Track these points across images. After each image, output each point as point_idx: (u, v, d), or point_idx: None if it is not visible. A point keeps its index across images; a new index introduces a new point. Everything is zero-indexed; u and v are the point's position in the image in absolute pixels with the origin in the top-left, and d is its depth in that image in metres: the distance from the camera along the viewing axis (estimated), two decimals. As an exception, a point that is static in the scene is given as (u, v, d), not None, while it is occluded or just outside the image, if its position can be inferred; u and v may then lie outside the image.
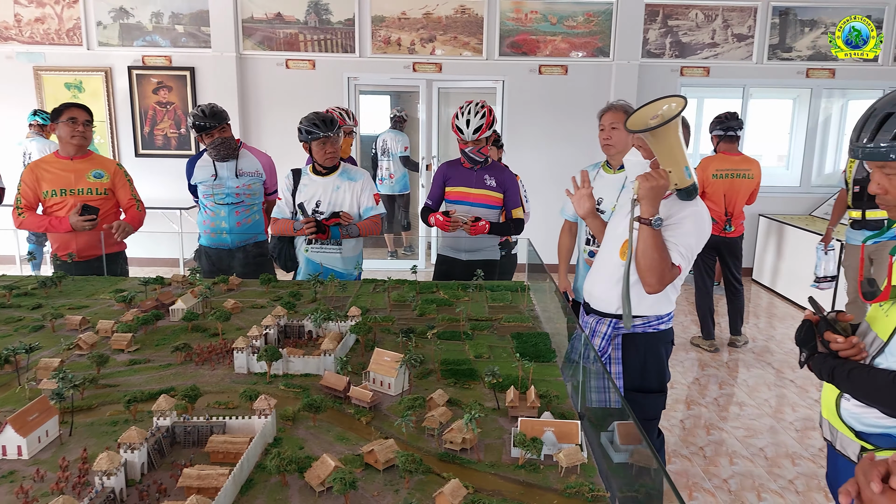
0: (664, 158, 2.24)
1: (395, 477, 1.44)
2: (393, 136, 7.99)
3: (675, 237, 2.27)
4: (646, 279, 2.27)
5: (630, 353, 2.46)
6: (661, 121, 2.15)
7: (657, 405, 2.53)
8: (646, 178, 2.20)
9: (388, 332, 2.44)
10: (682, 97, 2.20)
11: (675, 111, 2.14)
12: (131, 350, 2.21)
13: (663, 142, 2.20)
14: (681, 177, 2.24)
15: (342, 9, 7.08)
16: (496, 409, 1.81)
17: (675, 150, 2.22)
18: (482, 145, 3.51)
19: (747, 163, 5.15)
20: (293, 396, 1.86)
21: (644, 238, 2.22)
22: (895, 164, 1.51)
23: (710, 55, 7.34)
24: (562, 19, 7.18)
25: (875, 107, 1.55)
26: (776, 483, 3.34)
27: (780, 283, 7.08)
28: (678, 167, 2.23)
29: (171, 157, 7.32)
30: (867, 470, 1.08)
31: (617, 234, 2.46)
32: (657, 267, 2.22)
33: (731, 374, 4.84)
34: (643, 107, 2.28)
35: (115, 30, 7.11)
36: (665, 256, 2.23)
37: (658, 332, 2.46)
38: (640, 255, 2.25)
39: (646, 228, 2.22)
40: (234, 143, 3.77)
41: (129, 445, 1.43)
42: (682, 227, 2.29)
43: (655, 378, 2.49)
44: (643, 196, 2.21)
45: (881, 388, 1.51)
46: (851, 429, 1.65)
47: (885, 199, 1.58)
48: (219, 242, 3.80)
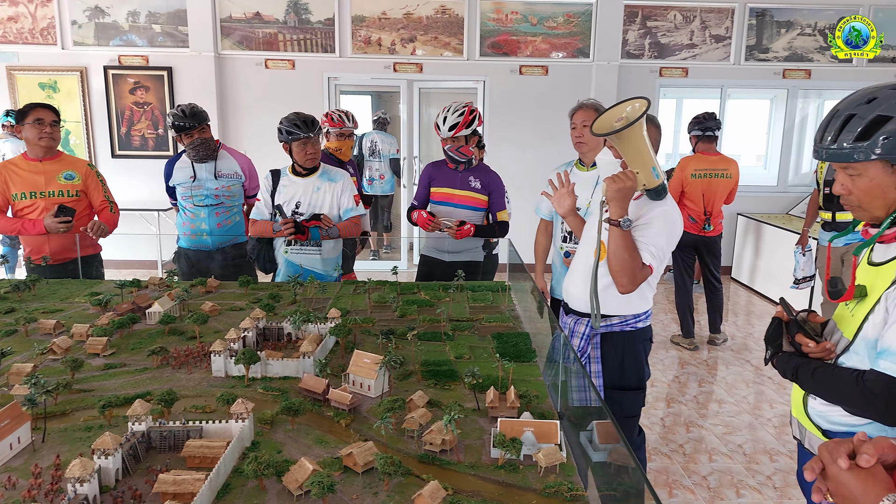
0: (631, 160, 2.27)
1: (375, 479, 1.43)
2: (382, 137, 7.97)
3: (645, 237, 2.30)
4: (618, 279, 2.29)
5: (608, 352, 2.48)
6: (625, 123, 2.17)
7: (636, 403, 2.56)
8: (613, 181, 2.23)
9: (368, 334, 2.43)
10: (645, 99, 2.22)
11: (638, 112, 2.17)
12: (106, 354, 2.18)
13: (629, 143, 2.23)
14: (648, 177, 2.27)
15: (322, 8, 7.04)
16: (476, 409, 1.81)
17: (641, 151, 2.24)
18: (461, 144, 3.52)
19: (725, 162, 5.21)
20: (272, 400, 1.84)
21: (614, 239, 2.25)
22: (858, 166, 1.53)
23: (688, 56, 7.40)
24: (542, 20, 7.20)
25: (838, 108, 1.57)
26: (754, 479, 3.37)
27: (758, 281, 7.16)
28: (645, 168, 2.25)
29: (149, 158, 7.23)
30: (832, 448, 1.09)
31: (592, 235, 2.48)
32: (628, 267, 2.25)
33: (710, 372, 4.89)
34: (608, 110, 2.31)
35: (91, 29, 7.01)
36: (635, 256, 2.26)
37: (636, 330, 2.49)
38: (610, 256, 2.28)
39: (615, 229, 2.24)
40: (214, 143, 3.73)
41: (102, 451, 1.41)
42: (652, 227, 2.31)
43: (634, 376, 2.51)
44: (611, 198, 2.24)
45: (844, 387, 1.52)
46: (818, 427, 1.67)
47: (848, 200, 1.60)
48: (199, 244, 3.76)
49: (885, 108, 1.49)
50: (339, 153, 4.24)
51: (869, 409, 1.51)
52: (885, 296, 1.49)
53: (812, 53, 7.45)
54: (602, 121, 2.29)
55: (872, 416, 1.52)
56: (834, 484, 1.07)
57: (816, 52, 7.44)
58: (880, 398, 1.45)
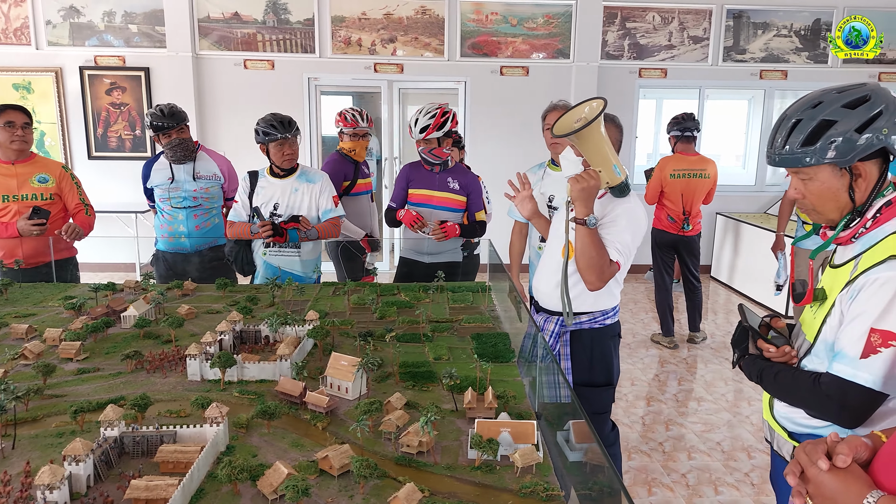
0: (592, 159, 2.30)
1: (351, 482, 1.42)
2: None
3: (610, 234, 2.33)
4: (586, 277, 2.33)
5: (578, 349, 2.51)
6: (583, 123, 2.20)
7: (606, 399, 2.59)
8: (576, 180, 2.26)
9: (346, 336, 2.42)
10: (602, 98, 2.27)
11: (595, 111, 2.22)
12: (80, 359, 2.15)
13: (588, 143, 2.26)
14: (611, 175, 2.30)
15: (301, 8, 7.01)
16: (454, 410, 1.80)
17: (601, 150, 2.28)
18: (433, 146, 3.51)
19: (704, 163, 5.25)
20: (248, 403, 1.82)
21: (581, 237, 2.28)
22: (808, 170, 1.54)
23: (667, 57, 7.46)
24: (522, 21, 7.22)
25: (786, 113, 1.59)
26: (732, 476, 3.40)
27: (737, 279, 7.24)
28: (607, 166, 2.29)
29: (126, 160, 7.15)
30: (810, 451, 1.09)
31: (559, 234, 2.50)
32: (596, 265, 2.28)
33: (689, 370, 4.93)
34: (568, 111, 2.34)
35: (66, 29, 6.91)
36: (603, 254, 2.29)
37: (604, 326, 2.52)
38: (578, 255, 2.31)
39: (581, 228, 2.27)
40: (192, 144, 3.69)
41: (73, 457, 1.39)
42: (617, 225, 2.35)
43: (603, 372, 2.54)
44: (575, 197, 2.26)
45: (802, 389, 1.53)
46: (784, 429, 1.68)
47: (803, 204, 1.61)
48: (177, 247, 3.72)
49: (829, 113, 1.50)
50: (353, 154, 4.14)
51: (825, 412, 1.52)
52: (839, 298, 1.50)
53: (788, 54, 7.54)
54: (563, 122, 2.32)
55: (829, 418, 1.52)
56: (814, 486, 1.07)
57: (792, 53, 7.54)
58: (834, 401, 1.46)
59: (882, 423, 1.47)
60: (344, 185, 4.10)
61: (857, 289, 1.45)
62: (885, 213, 1.50)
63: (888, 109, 1.47)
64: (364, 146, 4.15)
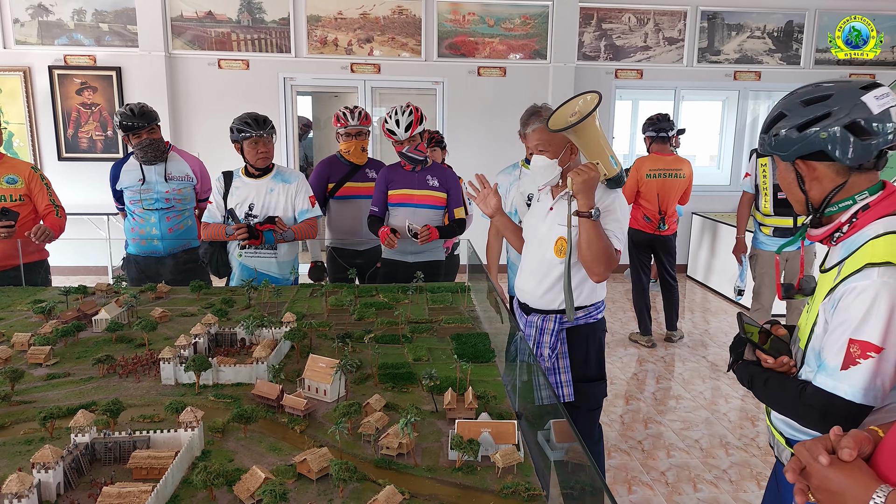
0: (589, 151, 2.31)
1: (329, 486, 1.40)
2: None
3: (609, 224, 2.34)
4: (594, 269, 2.32)
5: (574, 345, 2.49)
6: (578, 117, 2.22)
7: (600, 393, 2.59)
8: (577, 173, 2.25)
9: (324, 338, 2.39)
10: (596, 92, 2.28)
11: (590, 105, 2.23)
12: (49, 364, 2.09)
13: (585, 136, 2.28)
14: (608, 167, 2.32)
15: (276, 8, 6.94)
16: (434, 411, 1.79)
17: (598, 143, 2.30)
18: (418, 143, 3.50)
19: (679, 163, 5.30)
20: (223, 407, 1.79)
21: (587, 230, 2.26)
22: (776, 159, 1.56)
23: (642, 58, 7.52)
24: (499, 21, 7.23)
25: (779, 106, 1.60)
26: (711, 473, 3.43)
27: (713, 278, 7.31)
28: (604, 158, 2.31)
29: (98, 161, 7.01)
30: (810, 447, 1.07)
31: (542, 234, 2.50)
32: (604, 256, 2.27)
33: (667, 369, 4.97)
34: (561, 107, 2.35)
35: (34, 28, 6.77)
36: (609, 244, 2.30)
37: (596, 321, 2.54)
38: (585, 248, 2.28)
39: (586, 221, 2.25)
40: (164, 145, 3.62)
41: (42, 465, 1.35)
42: (613, 214, 2.37)
43: (597, 367, 2.56)
44: (578, 190, 2.24)
45: (790, 398, 1.50)
46: (782, 434, 1.66)
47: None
48: (149, 250, 3.64)
49: (787, 107, 1.51)
50: (349, 155, 3.82)
51: (810, 423, 1.50)
52: (822, 306, 1.47)
53: (762, 55, 7.65)
54: (557, 117, 2.32)
55: (814, 428, 1.50)
56: (818, 481, 1.05)
57: (766, 54, 7.65)
58: (817, 411, 1.44)
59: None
60: (329, 187, 3.87)
61: (837, 298, 1.42)
62: (861, 218, 1.46)
63: (837, 115, 1.43)
64: (360, 146, 3.80)
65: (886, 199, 1.45)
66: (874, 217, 1.44)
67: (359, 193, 3.89)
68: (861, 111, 1.42)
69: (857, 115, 1.41)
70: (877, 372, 1.36)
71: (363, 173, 3.90)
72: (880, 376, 1.36)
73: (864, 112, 1.41)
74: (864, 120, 1.41)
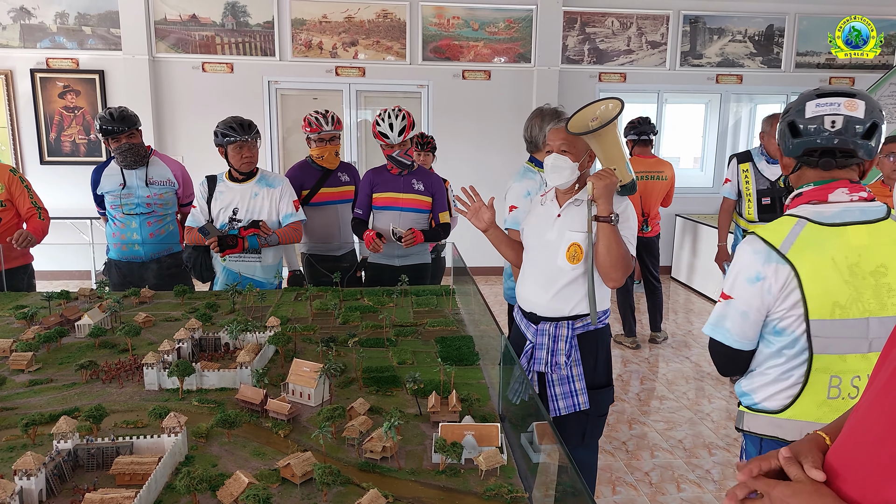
0: (608, 157, 2.30)
1: (313, 490, 1.40)
2: None
3: (624, 230, 2.31)
4: (612, 275, 2.28)
5: (585, 352, 2.44)
6: (599, 123, 2.22)
7: (608, 398, 2.54)
8: (599, 178, 2.22)
9: (309, 342, 2.39)
10: (618, 99, 2.28)
11: (612, 112, 2.23)
12: (32, 370, 2.08)
13: (605, 142, 2.27)
14: (624, 173, 2.33)
15: (261, 11, 6.93)
16: (418, 415, 1.80)
17: (617, 148, 2.31)
18: (408, 147, 3.51)
19: (661, 165, 5.35)
20: (207, 412, 1.79)
21: (606, 235, 2.24)
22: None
23: (626, 62, 7.58)
24: (483, 25, 7.26)
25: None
26: (694, 473, 3.46)
27: (696, 279, 7.38)
28: (621, 164, 2.31)
29: (81, 165, 6.95)
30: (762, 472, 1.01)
31: (549, 241, 2.41)
32: (622, 261, 2.25)
33: (651, 370, 5.01)
34: (581, 109, 2.33)
35: (16, 30, 6.71)
36: (626, 249, 2.28)
37: (605, 326, 2.49)
38: (604, 253, 2.25)
39: (605, 226, 2.23)
40: (144, 149, 3.60)
41: (24, 472, 1.35)
42: (628, 220, 2.34)
43: (605, 372, 2.50)
44: (600, 195, 2.22)
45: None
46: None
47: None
48: (130, 255, 3.62)
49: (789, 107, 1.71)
50: (322, 161, 3.74)
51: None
52: None
53: (743, 59, 7.73)
54: (577, 120, 2.31)
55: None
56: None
57: (747, 58, 7.73)
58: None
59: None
60: (303, 194, 3.75)
61: None
62: (794, 202, 1.71)
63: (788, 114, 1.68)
64: (332, 151, 3.77)
65: (816, 191, 1.65)
66: (801, 202, 1.68)
67: (333, 199, 3.84)
68: (799, 114, 1.65)
69: (794, 116, 1.66)
70: (723, 314, 1.70)
71: (336, 178, 3.84)
72: (729, 319, 1.69)
73: (801, 115, 1.64)
74: (798, 121, 1.65)
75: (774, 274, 1.59)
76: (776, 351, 1.67)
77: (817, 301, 1.57)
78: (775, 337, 1.66)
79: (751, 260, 1.63)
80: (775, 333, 1.66)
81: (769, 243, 1.61)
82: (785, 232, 1.61)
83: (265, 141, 7.11)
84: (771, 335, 1.67)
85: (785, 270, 1.58)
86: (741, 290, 1.65)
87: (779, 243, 1.60)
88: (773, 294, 1.60)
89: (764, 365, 1.71)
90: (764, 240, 1.62)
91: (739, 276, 1.66)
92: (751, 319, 1.66)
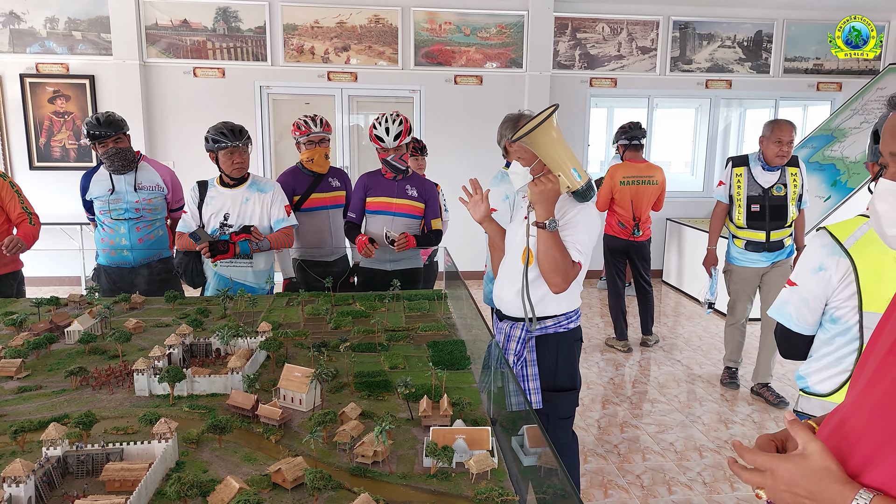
0: (550, 163, 2.31)
1: (304, 495, 1.40)
2: None
3: (570, 236, 2.35)
4: (550, 280, 2.33)
5: (543, 354, 2.51)
6: (529, 128, 2.22)
7: (571, 404, 2.59)
8: (535, 184, 2.28)
9: (301, 347, 2.39)
10: (554, 104, 2.30)
11: (543, 116, 2.23)
12: (21, 377, 2.07)
13: (541, 148, 2.28)
14: (570, 179, 2.30)
15: (252, 16, 6.93)
16: (410, 419, 1.80)
17: (557, 154, 2.28)
18: (403, 152, 3.52)
19: (652, 170, 5.37)
20: (198, 418, 1.79)
21: (543, 241, 2.28)
22: None
23: (616, 67, 7.62)
24: (475, 31, 7.29)
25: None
26: (685, 476, 3.48)
27: (686, 283, 7.41)
28: (564, 170, 2.29)
29: (71, 170, 6.92)
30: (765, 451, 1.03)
31: (517, 241, 2.51)
32: (560, 267, 2.29)
33: (643, 373, 5.02)
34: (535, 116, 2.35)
35: (5, 35, 6.68)
36: (566, 256, 2.30)
37: (568, 331, 2.52)
38: (542, 258, 2.31)
39: (543, 232, 2.27)
40: (133, 154, 3.59)
41: (13, 479, 1.34)
42: (575, 226, 2.37)
43: (568, 377, 2.54)
44: (535, 200, 2.28)
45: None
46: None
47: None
48: (120, 261, 3.61)
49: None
50: (312, 164, 3.71)
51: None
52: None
53: (732, 64, 7.79)
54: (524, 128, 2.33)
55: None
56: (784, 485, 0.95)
57: (736, 63, 7.79)
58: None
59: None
60: (294, 199, 3.74)
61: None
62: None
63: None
64: (322, 154, 3.71)
65: None
66: None
67: (324, 204, 3.83)
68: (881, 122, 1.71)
69: (879, 124, 1.77)
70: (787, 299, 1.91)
71: (326, 183, 3.82)
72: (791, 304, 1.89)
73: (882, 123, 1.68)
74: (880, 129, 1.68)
75: (836, 266, 1.77)
76: (830, 337, 1.84)
77: (872, 295, 1.72)
78: (831, 325, 1.84)
79: (818, 252, 1.82)
80: (832, 321, 1.83)
81: (836, 238, 1.79)
82: (852, 229, 1.78)
83: (257, 146, 7.10)
84: (828, 322, 1.85)
85: (845, 263, 1.75)
86: (805, 278, 1.85)
87: (844, 238, 1.78)
88: (833, 284, 1.78)
89: (819, 351, 1.89)
90: (832, 234, 1.80)
91: (805, 266, 1.85)
92: (811, 306, 1.85)
